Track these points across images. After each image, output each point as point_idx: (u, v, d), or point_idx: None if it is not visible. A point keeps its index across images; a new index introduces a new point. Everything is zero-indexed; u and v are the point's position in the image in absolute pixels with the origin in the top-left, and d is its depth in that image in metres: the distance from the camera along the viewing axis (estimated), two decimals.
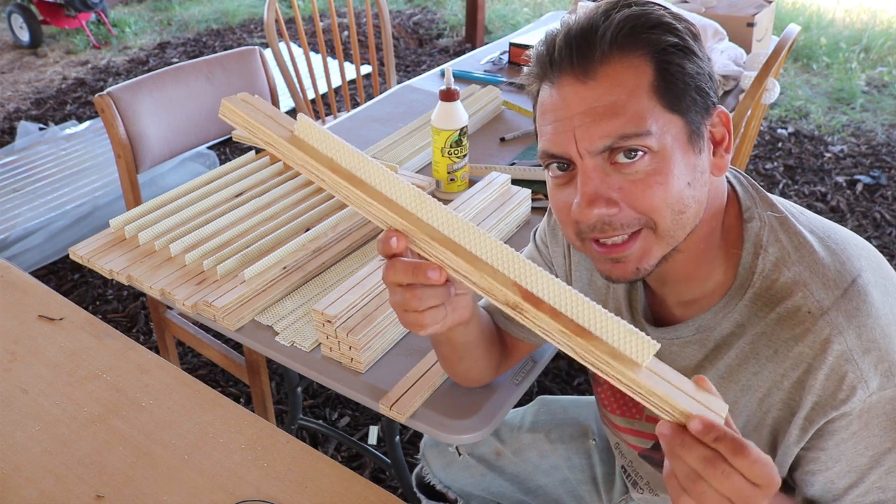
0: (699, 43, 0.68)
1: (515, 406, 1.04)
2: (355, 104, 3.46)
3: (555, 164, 0.70)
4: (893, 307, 0.69)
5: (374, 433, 1.85)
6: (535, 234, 0.98)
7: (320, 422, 1.68)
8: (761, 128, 3.33)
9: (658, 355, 0.79)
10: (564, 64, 0.66)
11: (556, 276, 0.92)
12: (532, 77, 0.71)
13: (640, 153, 0.65)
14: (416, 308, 0.67)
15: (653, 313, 0.82)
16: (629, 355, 0.56)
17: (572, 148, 0.66)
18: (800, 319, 0.68)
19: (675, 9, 0.70)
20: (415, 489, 1.25)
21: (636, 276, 0.70)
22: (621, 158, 0.65)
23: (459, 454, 1.16)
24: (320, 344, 1.04)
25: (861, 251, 0.72)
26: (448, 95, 1.33)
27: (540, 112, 0.70)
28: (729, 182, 0.76)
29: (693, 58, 0.67)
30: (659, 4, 0.68)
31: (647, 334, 0.78)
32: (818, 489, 0.72)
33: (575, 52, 0.65)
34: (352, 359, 1.00)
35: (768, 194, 0.76)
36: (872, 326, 0.67)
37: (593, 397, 0.99)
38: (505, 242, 0.61)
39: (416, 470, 1.25)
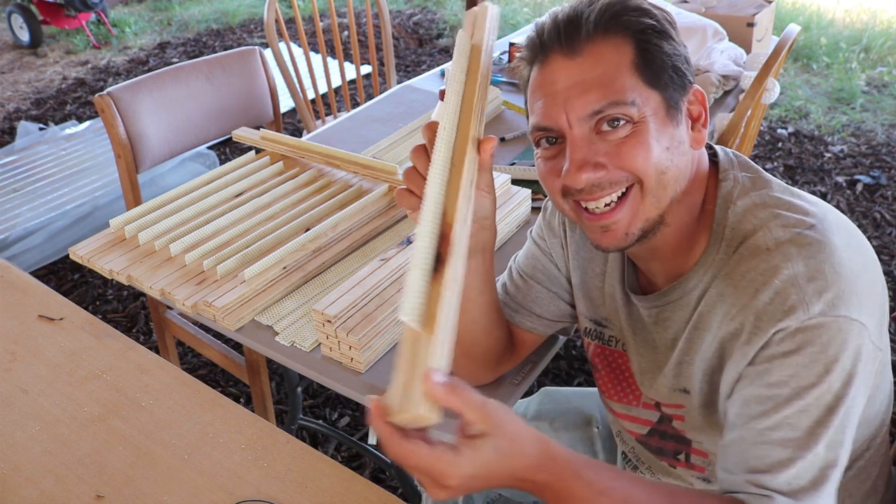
0: (675, 29, 0.75)
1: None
2: (355, 104, 3.45)
3: (544, 140, 0.76)
4: (853, 258, 0.71)
5: (374, 433, 1.84)
6: (531, 233, 1.00)
7: (320, 422, 1.68)
8: (761, 128, 3.33)
9: (651, 327, 0.82)
10: (553, 43, 0.73)
11: (558, 267, 0.95)
12: (523, 62, 0.78)
13: (622, 121, 0.71)
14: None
15: (643, 288, 0.86)
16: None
17: (562, 118, 0.72)
18: (757, 254, 0.72)
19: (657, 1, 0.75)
20: (416, 484, 1.24)
21: (626, 243, 0.75)
22: (605, 127, 0.72)
23: None
24: (320, 344, 1.04)
25: (829, 212, 0.75)
26: None
27: (531, 91, 0.76)
28: (715, 156, 0.81)
29: (669, 40, 0.74)
30: None
31: (640, 309, 0.82)
32: (734, 412, 0.72)
33: (563, 33, 0.72)
34: (352, 358, 1.00)
35: (751, 163, 0.80)
36: (823, 260, 0.69)
37: (596, 388, 1.00)
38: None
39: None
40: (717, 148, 0.82)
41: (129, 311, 2.38)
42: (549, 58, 0.74)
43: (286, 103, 3.33)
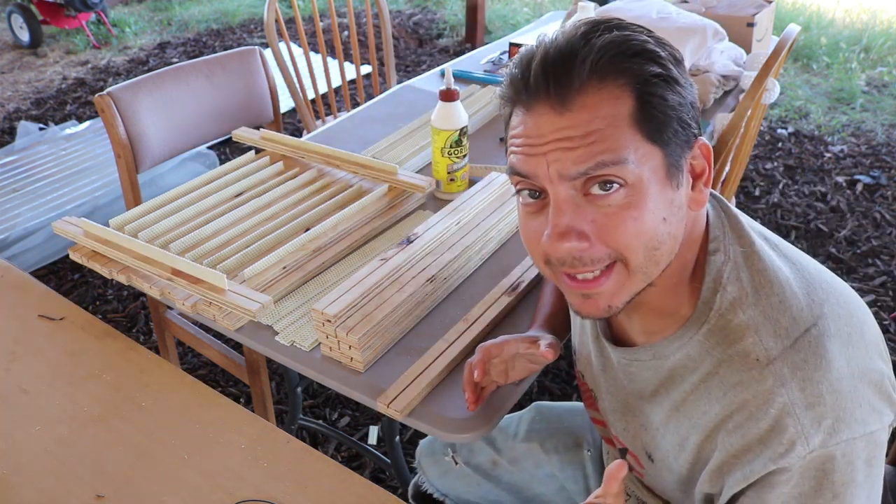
0: (682, 69, 0.66)
1: (513, 407, 1.04)
2: (355, 104, 3.45)
3: (526, 192, 0.67)
4: (852, 359, 0.66)
5: (374, 433, 1.85)
6: None
7: (320, 422, 1.68)
8: (761, 128, 3.33)
9: (621, 374, 0.81)
10: (540, 92, 0.63)
11: None
12: (505, 100, 0.68)
13: (615, 185, 0.62)
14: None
15: (617, 335, 0.82)
16: None
17: (543, 171, 0.64)
18: (748, 366, 0.66)
19: (657, 33, 0.67)
20: (410, 499, 1.24)
21: (607, 314, 0.69)
22: (595, 190, 0.63)
23: (456, 463, 1.16)
24: (320, 344, 1.04)
25: (829, 295, 0.69)
26: (448, 95, 1.33)
27: (511, 131, 0.67)
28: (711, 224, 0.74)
29: (676, 87, 0.64)
30: (642, 28, 0.65)
31: (611, 354, 0.80)
32: None
33: (552, 80, 0.62)
34: (351, 358, 1.00)
35: (744, 222, 0.73)
36: (819, 380, 0.64)
37: None
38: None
39: (413, 480, 1.25)
40: (709, 204, 0.74)
41: (129, 311, 2.38)
42: (535, 107, 0.64)
43: (286, 103, 3.33)
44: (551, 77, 0.62)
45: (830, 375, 0.65)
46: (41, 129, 3.42)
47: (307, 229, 1.28)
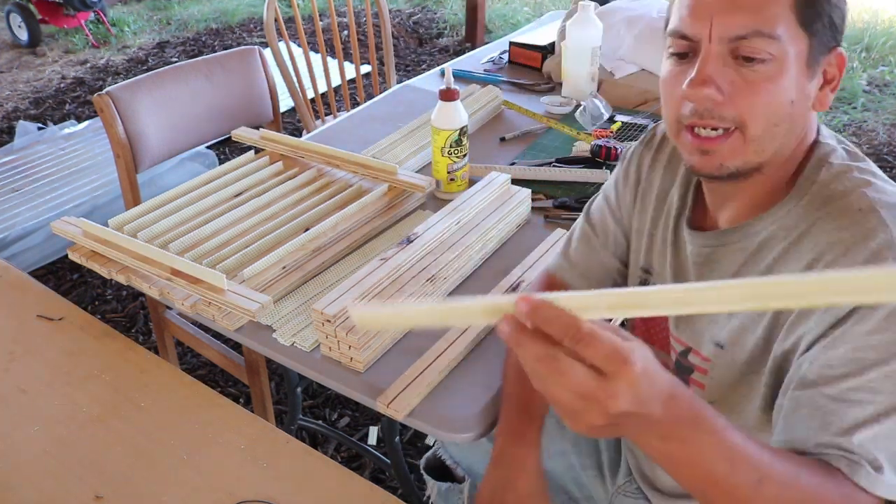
0: None
1: None
2: (355, 104, 3.44)
3: (677, 55, 0.74)
4: None
5: (373, 433, 1.84)
6: (604, 187, 1.03)
7: (320, 422, 1.68)
8: None
9: (700, 264, 0.81)
10: None
11: (619, 221, 0.98)
12: None
13: (762, 62, 0.69)
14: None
15: (700, 223, 0.85)
16: None
17: (704, 31, 0.70)
18: (849, 213, 0.69)
19: None
20: (423, 471, 1.24)
21: (719, 172, 0.74)
22: (743, 59, 0.69)
23: None
24: (320, 344, 1.04)
25: None
26: (448, 95, 1.33)
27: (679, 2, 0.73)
28: (823, 135, 0.79)
29: None
30: None
31: (689, 244, 0.81)
32: (814, 369, 0.68)
33: None
34: (351, 358, 1.00)
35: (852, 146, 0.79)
36: None
37: None
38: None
39: (428, 453, 1.25)
40: (822, 126, 0.80)
41: (128, 311, 2.38)
42: None
43: (286, 103, 3.32)
44: None
45: None
46: (40, 128, 3.42)
47: (307, 229, 1.27)
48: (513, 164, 1.52)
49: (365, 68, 3.92)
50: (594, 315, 0.51)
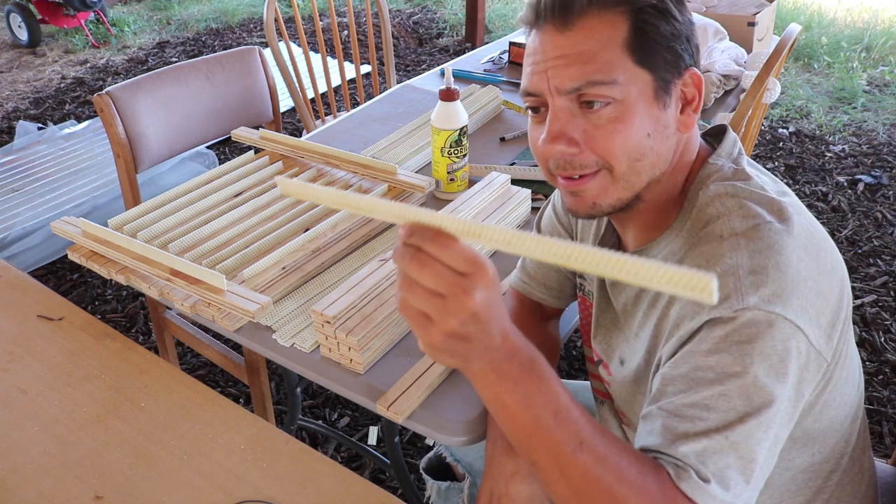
0: (681, 6, 0.74)
1: None
2: (355, 104, 3.45)
3: (532, 109, 0.77)
4: (803, 261, 0.70)
5: (373, 434, 1.84)
6: (542, 214, 1.08)
7: (320, 422, 1.68)
8: (762, 127, 3.33)
9: (611, 284, 0.85)
10: (547, 14, 0.73)
11: (564, 228, 1.02)
12: (523, 23, 0.78)
13: (602, 104, 0.71)
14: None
15: (616, 248, 0.89)
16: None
17: (544, 86, 0.73)
18: (710, 240, 0.72)
19: None
20: (422, 471, 1.24)
21: (592, 211, 0.77)
22: (592, 105, 0.72)
23: None
24: (319, 345, 1.04)
25: (800, 215, 0.74)
26: (448, 95, 1.33)
27: (525, 54, 0.77)
28: (719, 140, 0.81)
29: (670, 19, 0.72)
30: None
31: None
32: (656, 386, 0.72)
33: (558, 5, 0.72)
34: (351, 359, 1.00)
35: (744, 159, 0.80)
36: (769, 257, 0.68)
37: (589, 382, 1.03)
38: None
39: (430, 454, 1.25)
40: (730, 135, 0.81)
41: (128, 311, 2.38)
42: (543, 27, 0.74)
43: (286, 103, 3.33)
44: (558, 2, 0.72)
45: (780, 258, 0.69)
46: (40, 128, 3.42)
47: (306, 229, 1.27)
48: (513, 164, 1.52)
49: (365, 68, 3.92)
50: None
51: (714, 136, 0.84)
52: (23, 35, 4.68)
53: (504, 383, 0.63)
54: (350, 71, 3.85)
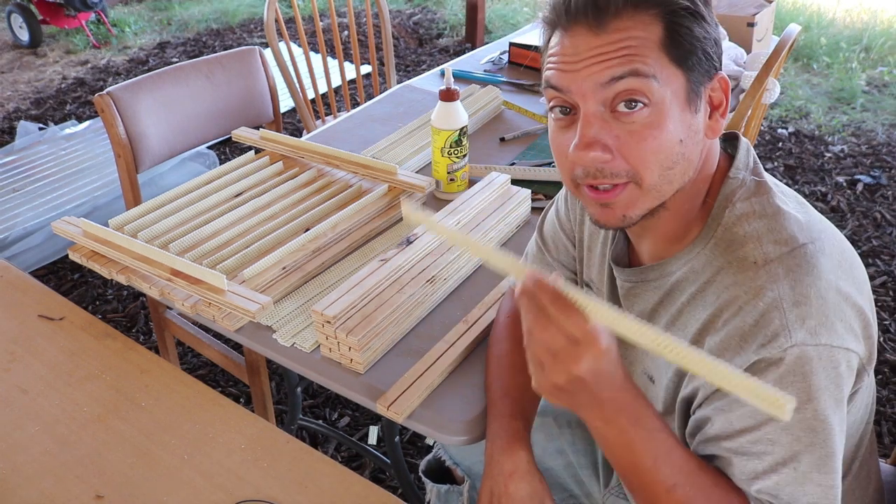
0: (709, 9, 0.72)
1: None
2: (355, 104, 3.45)
3: (558, 108, 0.73)
4: (840, 280, 0.71)
5: (373, 433, 1.85)
6: (545, 218, 1.07)
7: (320, 422, 1.68)
8: (762, 128, 3.33)
9: (624, 296, 0.85)
10: (580, 16, 0.70)
11: (566, 234, 1.01)
12: (546, 23, 0.75)
13: (639, 104, 0.68)
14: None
15: (631, 262, 0.88)
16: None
17: (577, 86, 0.70)
18: (744, 268, 0.71)
19: None
20: (421, 473, 1.25)
21: (623, 224, 0.75)
22: (622, 108, 0.69)
23: None
24: (320, 345, 1.04)
25: (826, 231, 0.75)
26: (448, 95, 1.33)
27: (550, 50, 0.73)
28: (733, 146, 0.80)
29: (702, 22, 0.71)
30: None
31: (616, 276, 0.85)
32: (717, 428, 0.73)
33: (591, 6, 0.69)
34: (351, 359, 1.00)
35: (761, 168, 0.80)
36: (810, 284, 0.69)
37: None
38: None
39: (429, 456, 1.26)
40: (743, 143, 0.81)
41: (128, 311, 2.38)
42: (573, 29, 0.70)
43: (286, 103, 3.33)
44: (590, 3, 0.69)
45: (820, 283, 0.69)
46: (41, 128, 3.42)
47: (307, 229, 1.28)
48: (512, 164, 1.52)
49: (365, 68, 3.92)
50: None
51: (724, 142, 0.83)
52: (24, 35, 4.68)
53: (610, 431, 0.69)
54: (350, 71, 3.86)
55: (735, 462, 0.71)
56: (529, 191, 1.33)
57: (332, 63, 3.39)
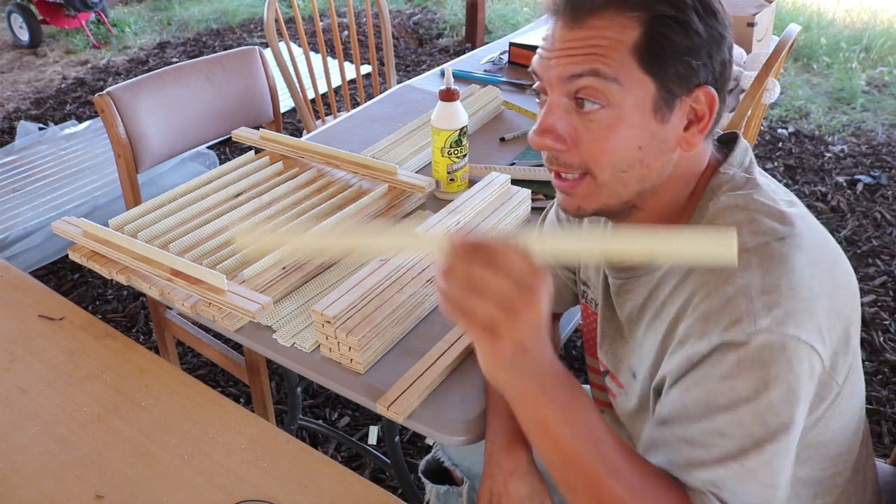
0: (708, 19, 0.70)
1: None
2: (355, 104, 3.45)
3: (541, 92, 0.77)
4: (815, 278, 0.69)
5: (374, 433, 1.85)
6: (545, 218, 1.08)
7: (320, 422, 1.68)
8: (762, 128, 3.33)
9: (616, 293, 0.85)
10: (561, 9, 0.72)
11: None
12: (545, 9, 0.77)
13: (596, 105, 0.70)
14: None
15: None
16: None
17: (547, 75, 0.73)
18: None
19: None
20: (420, 474, 1.25)
21: (578, 213, 0.78)
22: (585, 106, 0.71)
23: None
24: (320, 345, 1.04)
25: (811, 229, 0.74)
26: (448, 95, 1.33)
27: (542, 38, 0.77)
28: (732, 147, 0.80)
29: (690, 32, 0.69)
30: None
31: (608, 274, 0.86)
32: (668, 410, 0.72)
33: (570, 2, 0.71)
34: (351, 359, 1.00)
35: (755, 167, 0.79)
36: (781, 275, 0.68)
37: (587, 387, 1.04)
38: None
39: (428, 456, 1.26)
40: (742, 143, 0.80)
41: (128, 311, 2.38)
42: (557, 20, 0.73)
43: (286, 103, 3.33)
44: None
45: (793, 276, 0.68)
46: (41, 128, 3.42)
47: (307, 230, 1.27)
48: (512, 164, 1.52)
49: (365, 68, 3.92)
50: None
51: (725, 143, 0.82)
52: (24, 35, 4.68)
53: (550, 405, 0.65)
54: (350, 71, 3.86)
55: (682, 449, 0.69)
56: (529, 191, 1.33)
57: (332, 63, 3.39)
